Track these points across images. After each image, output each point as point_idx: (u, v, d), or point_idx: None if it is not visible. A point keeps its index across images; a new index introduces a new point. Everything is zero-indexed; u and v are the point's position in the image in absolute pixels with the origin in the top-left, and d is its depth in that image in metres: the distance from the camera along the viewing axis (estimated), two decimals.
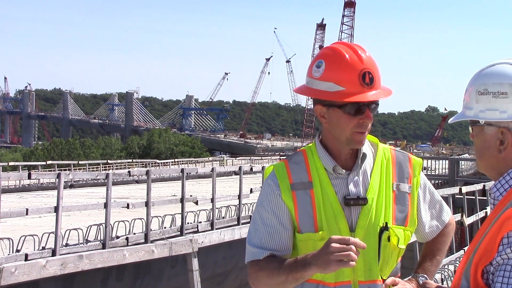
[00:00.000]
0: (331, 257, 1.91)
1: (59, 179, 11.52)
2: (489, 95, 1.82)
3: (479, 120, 1.84)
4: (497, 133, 1.81)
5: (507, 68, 1.83)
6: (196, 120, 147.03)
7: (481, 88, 1.84)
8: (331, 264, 1.91)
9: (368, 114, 2.13)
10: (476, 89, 1.85)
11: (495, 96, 1.81)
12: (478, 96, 1.84)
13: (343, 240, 1.92)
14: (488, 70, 1.86)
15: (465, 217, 12.68)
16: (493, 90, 1.81)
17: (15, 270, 3.94)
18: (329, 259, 1.91)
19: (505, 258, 1.64)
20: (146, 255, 4.87)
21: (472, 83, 1.88)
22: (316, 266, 1.96)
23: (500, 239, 1.66)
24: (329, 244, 1.93)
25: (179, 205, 14.53)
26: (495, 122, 1.81)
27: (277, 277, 2.08)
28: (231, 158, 63.65)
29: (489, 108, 1.82)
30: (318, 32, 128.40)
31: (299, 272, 2.01)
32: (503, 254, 1.65)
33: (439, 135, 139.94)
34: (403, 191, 2.23)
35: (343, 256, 1.90)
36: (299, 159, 2.25)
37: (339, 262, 1.90)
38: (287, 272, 2.05)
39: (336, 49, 2.16)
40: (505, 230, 1.65)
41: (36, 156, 53.41)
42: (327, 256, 1.91)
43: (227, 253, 13.03)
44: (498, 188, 1.82)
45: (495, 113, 1.81)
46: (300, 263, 2.01)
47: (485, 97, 1.83)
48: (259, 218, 2.22)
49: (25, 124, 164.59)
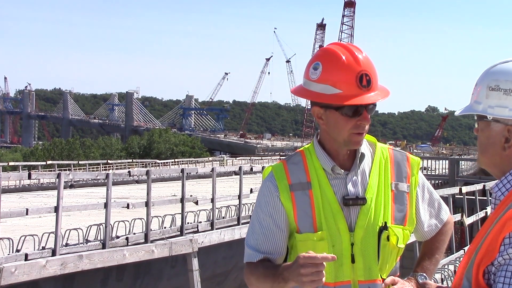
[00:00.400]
0: (303, 279, 1.93)
1: (59, 179, 11.52)
2: (500, 92, 1.79)
3: (487, 115, 1.82)
4: (503, 131, 1.79)
5: None
6: (196, 120, 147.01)
7: (492, 83, 1.81)
8: (305, 285, 1.95)
9: (366, 115, 2.13)
10: (488, 84, 1.82)
11: (506, 93, 1.79)
12: (489, 92, 1.81)
13: (311, 260, 1.92)
14: (501, 66, 1.84)
15: (465, 217, 12.68)
16: (505, 87, 1.79)
17: (15, 270, 3.95)
18: (302, 281, 1.94)
19: (506, 258, 1.64)
20: (146, 255, 4.87)
21: (483, 78, 1.85)
22: (294, 282, 1.99)
23: (502, 239, 1.65)
24: (299, 266, 1.94)
25: (179, 205, 14.53)
26: (503, 120, 1.79)
27: (263, 282, 2.13)
28: (231, 158, 63.65)
29: (499, 105, 1.80)
30: (318, 32, 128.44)
31: (281, 283, 2.05)
32: (505, 254, 1.64)
33: (439, 135, 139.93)
34: (401, 191, 2.23)
35: (314, 277, 1.92)
36: (297, 159, 2.25)
37: (311, 283, 1.93)
38: (271, 281, 2.09)
39: (333, 51, 2.15)
40: (507, 230, 1.65)
41: (36, 156, 53.38)
42: (300, 278, 1.94)
43: (227, 253, 13.03)
44: (500, 187, 1.80)
45: (505, 110, 1.79)
46: (281, 274, 2.04)
47: (496, 93, 1.80)
48: (256, 219, 2.24)
49: (25, 124, 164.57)
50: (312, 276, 1.92)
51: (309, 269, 1.92)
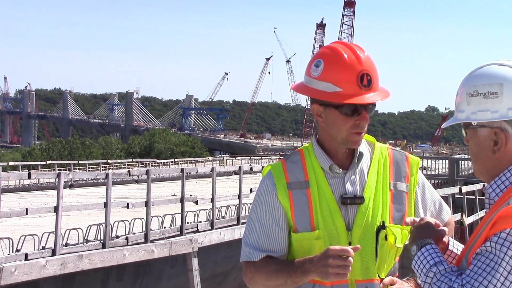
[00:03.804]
0: (330, 270, 1.95)
1: (59, 179, 11.52)
2: (480, 96, 1.82)
3: (472, 122, 1.84)
4: (490, 134, 1.81)
5: (495, 68, 1.84)
6: (196, 120, 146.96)
7: (471, 90, 1.84)
8: (329, 277, 1.96)
9: (365, 115, 2.13)
10: (467, 91, 1.86)
11: (485, 96, 1.81)
12: (469, 98, 1.84)
13: (343, 252, 1.95)
14: (477, 72, 1.87)
15: (465, 217, 12.70)
16: (483, 91, 1.81)
17: (15, 269, 3.95)
18: (328, 272, 1.95)
19: (483, 249, 1.67)
20: (146, 255, 4.88)
21: (462, 86, 1.89)
22: (316, 274, 2.00)
23: (490, 237, 1.68)
24: (328, 257, 1.96)
25: (179, 205, 14.52)
26: (487, 123, 1.81)
27: (275, 279, 2.10)
28: (231, 158, 63.61)
29: (481, 109, 1.82)
30: (318, 32, 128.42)
31: (299, 277, 2.04)
32: (483, 246, 1.68)
33: (439, 135, 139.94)
34: (400, 190, 2.23)
35: (341, 270, 1.95)
36: (296, 158, 2.25)
37: (336, 275, 1.95)
38: (285, 276, 2.07)
39: (335, 49, 2.15)
40: (496, 229, 1.67)
41: (34, 156, 53.30)
42: (326, 269, 1.95)
43: (227, 253, 13.01)
44: (494, 188, 1.82)
45: (487, 113, 1.81)
46: (299, 268, 2.04)
47: (475, 98, 1.83)
48: (255, 218, 2.22)
49: (25, 124, 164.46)
50: (338, 268, 1.94)
51: (338, 261, 1.94)
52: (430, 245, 1.84)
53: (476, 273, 1.66)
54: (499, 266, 1.63)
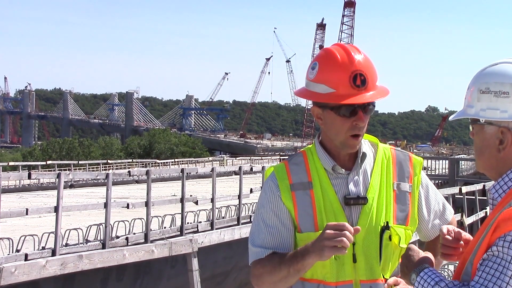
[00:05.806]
0: (326, 243, 1.95)
1: (59, 179, 11.52)
2: (491, 94, 1.81)
3: (480, 118, 1.84)
4: (497, 133, 1.81)
5: (509, 67, 1.83)
6: (196, 120, 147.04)
7: (483, 86, 1.84)
8: (325, 250, 1.95)
9: (361, 116, 2.13)
10: (478, 87, 1.85)
11: (496, 95, 1.81)
12: (480, 95, 1.84)
13: (338, 226, 1.96)
14: (491, 69, 1.86)
15: (465, 217, 12.70)
16: (495, 89, 1.81)
17: (15, 270, 3.95)
18: (324, 245, 1.95)
19: (490, 255, 1.66)
20: (146, 255, 4.87)
21: (474, 82, 1.88)
22: (314, 253, 1.99)
23: (494, 240, 1.67)
24: (325, 230, 1.97)
25: (179, 205, 14.53)
26: (495, 122, 1.81)
27: (279, 272, 2.09)
28: (231, 158, 63.63)
29: (490, 107, 1.81)
30: (318, 32, 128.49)
31: (300, 262, 2.03)
32: (489, 251, 1.67)
33: (439, 135, 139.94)
34: (403, 190, 2.23)
35: (336, 243, 1.94)
36: (299, 160, 2.26)
37: (332, 248, 1.94)
38: (288, 265, 2.07)
39: (330, 51, 2.17)
40: (500, 233, 1.67)
41: (35, 156, 53.31)
42: (322, 243, 1.96)
43: (227, 253, 13.01)
44: (497, 189, 1.82)
45: (496, 112, 1.80)
46: (300, 253, 2.04)
47: (486, 95, 1.82)
48: (261, 219, 2.23)
49: (25, 124, 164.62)
50: (335, 241, 1.93)
51: (334, 233, 1.94)
52: (427, 269, 1.85)
53: (486, 279, 1.65)
54: (508, 270, 1.63)
